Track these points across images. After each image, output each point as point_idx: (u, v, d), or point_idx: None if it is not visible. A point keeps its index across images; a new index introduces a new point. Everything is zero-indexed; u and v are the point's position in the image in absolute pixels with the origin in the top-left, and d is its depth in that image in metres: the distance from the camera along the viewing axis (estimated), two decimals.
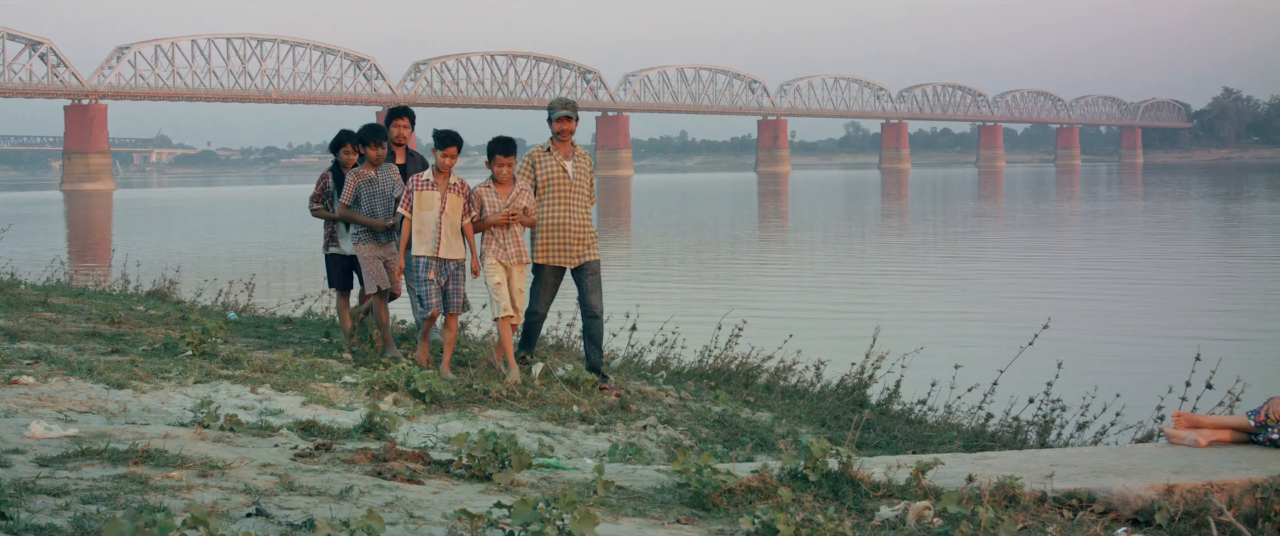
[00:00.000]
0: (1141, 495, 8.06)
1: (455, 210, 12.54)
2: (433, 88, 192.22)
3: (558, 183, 12.97)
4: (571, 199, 13.02)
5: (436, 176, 12.61)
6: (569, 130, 13.10)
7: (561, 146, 13.07)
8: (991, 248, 52.42)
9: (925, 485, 7.76)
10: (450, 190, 12.57)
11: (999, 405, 13.43)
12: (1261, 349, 21.83)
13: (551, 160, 13.01)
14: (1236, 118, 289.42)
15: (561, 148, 13.07)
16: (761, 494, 7.25)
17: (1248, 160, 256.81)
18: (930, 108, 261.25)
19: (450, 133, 12.60)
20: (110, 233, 72.42)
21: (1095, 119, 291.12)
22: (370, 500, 6.56)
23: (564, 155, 13.07)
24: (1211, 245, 51.56)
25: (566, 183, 13.00)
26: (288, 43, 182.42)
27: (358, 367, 12.70)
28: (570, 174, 13.03)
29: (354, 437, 8.68)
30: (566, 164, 13.03)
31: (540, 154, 13.09)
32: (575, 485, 7.39)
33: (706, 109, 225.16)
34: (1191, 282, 36.71)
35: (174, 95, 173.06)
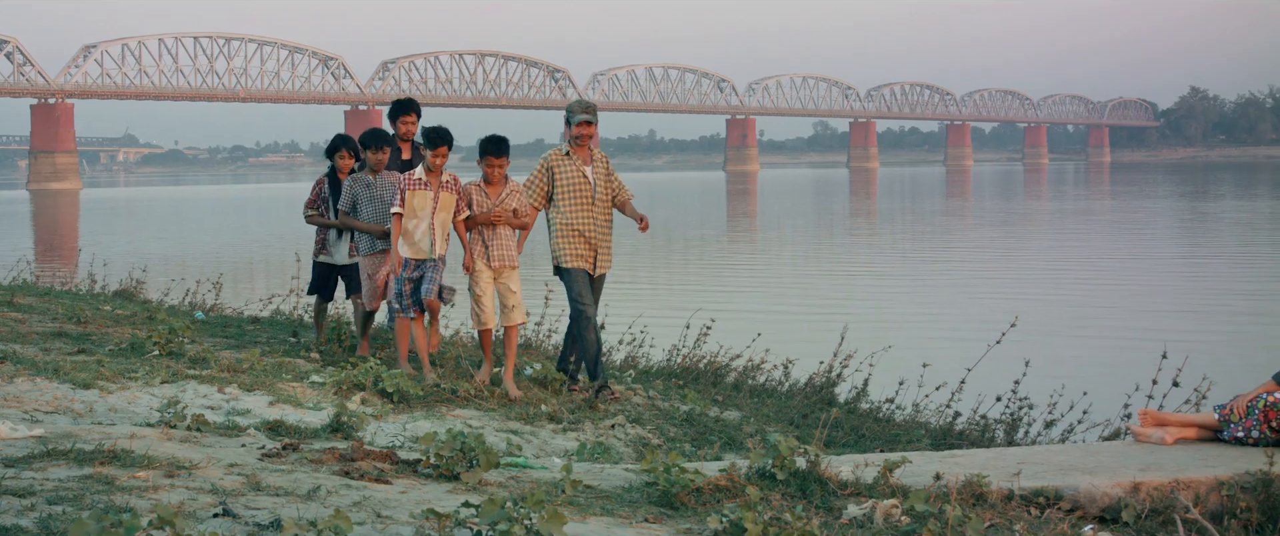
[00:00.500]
0: (1108, 493, 8.09)
1: (447, 209, 12.28)
2: (401, 87, 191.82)
3: (579, 189, 12.62)
4: (592, 206, 12.65)
5: (428, 176, 12.30)
6: (589, 134, 12.70)
7: (581, 151, 12.72)
8: (959, 247, 52.53)
9: (893, 483, 7.77)
10: (444, 189, 12.27)
11: (966, 403, 13.46)
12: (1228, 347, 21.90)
13: (571, 165, 12.65)
14: (1203, 117, 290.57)
15: (581, 152, 12.72)
16: (729, 492, 7.25)
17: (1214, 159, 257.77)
18: (898, 107, 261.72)
19: (440, 131, 12.35)
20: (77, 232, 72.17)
21: (1063, 118, 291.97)
22: (337, 500, 6.55)
23: (584, 160, 12.72)
24: (1178, 244, 51.76)
25: (587, 189, 12.64)
26: (255, 42, 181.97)
27: (325, 367, 12.68)
28: (591, 180, 12.68)
29: (321, 437, 8.67)
30: (586, 169, 12.68)
31: (558, 157, 12.72)
32: (543, 484, 7.39)
33: (675, 108, 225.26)
34: (1158, 281, 36.84)
35: (141, 94, 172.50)
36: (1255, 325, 26.43)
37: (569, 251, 12.59)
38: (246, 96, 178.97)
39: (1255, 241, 51.92)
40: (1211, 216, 70.47)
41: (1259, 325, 26.46)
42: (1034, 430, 13.00)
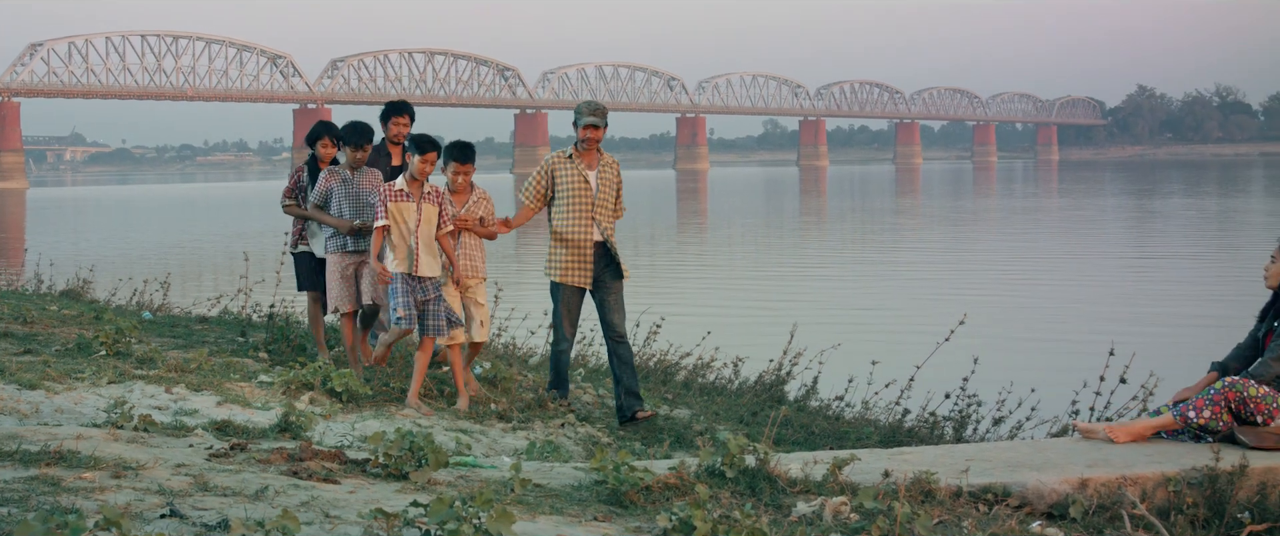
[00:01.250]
0: (1056, 489, 8.13)
1: (431, 222, 11.58)
2: (350, 85, 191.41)
3: (578, 194, 12.04)
4: (593, 213, 12.05)
5: (410, 185, 11.59)
6: (595, 139, 12.11)
7: (586, 155, 12.13)
8: (908, 245, 52.71)
9: (842, 481, 7.79)
10: (425, 200, 11.58)
11: (916, 401, 13.51)
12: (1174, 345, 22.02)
13: (572, 169, 12.08)
14: (1150, 115, 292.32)
15: (586, 156, 12.13)
16: (679, 491, 7.25)
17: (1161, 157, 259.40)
18: (848, 105, 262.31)
19: (429, 137, 11.71)
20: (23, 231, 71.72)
21: (1011, 116, 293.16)
22: (285, 500, 6.52)
23: (588, 164, 12.12)
24: (1126, 242, 52.06)
25: (588, 195, 12.05)
26: (203, 40, 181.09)
27: (274, 366, 12.63)
28: (593, 185, 12.09)
29: (269, 437, 8.63)
30: (588, 174, 12.08)
31: (560, 161, 12.15)
32: (492, 483, 7.38)
33: (625, 106, 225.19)
34: (1106, 279, 37.04)
35: (88, 93, 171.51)
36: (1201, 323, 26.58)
37: (558, 263, 12.10)
38: (194, 95, 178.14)
39: (1202, 240, 52.25)
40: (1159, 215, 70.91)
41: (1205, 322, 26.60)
42: (983, 427, 13.05)
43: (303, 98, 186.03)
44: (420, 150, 11.50)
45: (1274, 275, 9.55)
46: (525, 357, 15.15)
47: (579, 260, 12.06)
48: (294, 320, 15.24)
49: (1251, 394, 9.29)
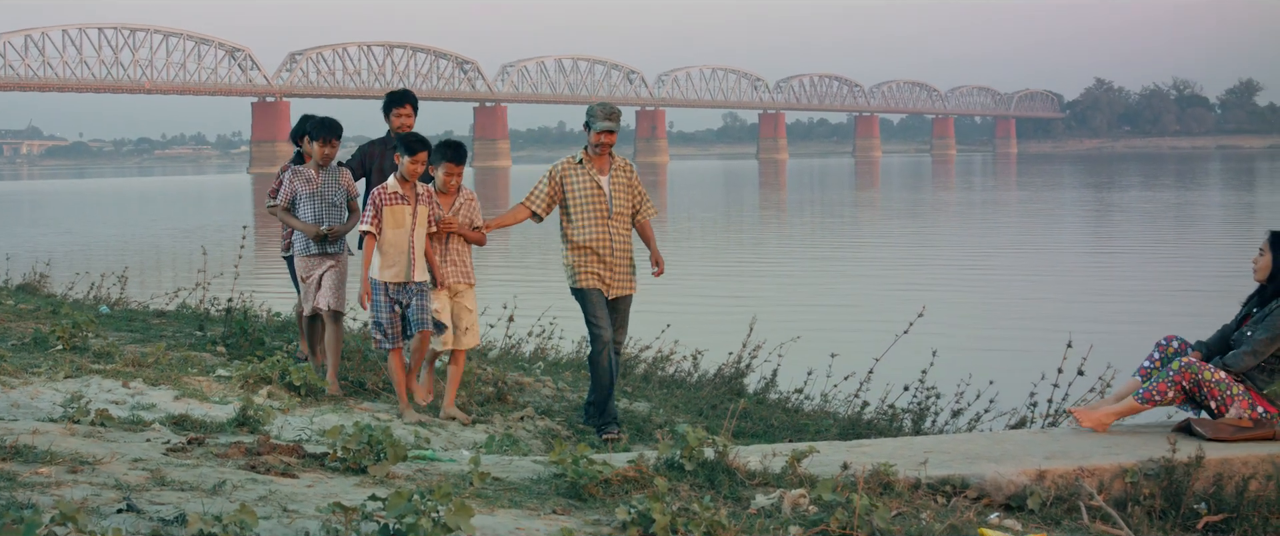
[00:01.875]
0: (1014, 480, 8.16)
1: (424, 226, 11.14)
2: (308, 78, 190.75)
3: (592, 201, 11.49)
4: (609, 221, 11.50)
5: (403, 187, 11.07)
6: (609, 143, 11.55)
7: (599, 160, 11.58)
8: (868, 237, 52.82)
9: (801, 473, 7.80)
10: (419, 202, 11.10)
11: (875, 393, 13.53)
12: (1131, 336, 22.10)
13: (584, 175, 11.54)
14: (1108, 108, 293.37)
15: (598, 161, 11.58)
16: (638, 484, 7.26)
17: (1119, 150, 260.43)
18: (807, 98, 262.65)
19: (419, 136, 11.27)
20: None
21: (970, 109, 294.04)
22: (243, 494, 6.50)
23: (599, 169, 11.56)
24: (1084, 235, 52.27)
25: (602, 202, 11.50)
26: (161, 33, 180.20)
27: (232, 361, 12.58)
28: (606, 191, 11.54)
29: (227, 431, 8.60)
30: (601, 179, 11.53)
31: (570, 167, 11.59)
32: (451, 477, 7.37)
33: (585, 99, 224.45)
34: (1064, 272, 37.17)
35: (44, 86, 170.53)
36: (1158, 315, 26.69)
37: (583, 270, 11.47)
38: (152, 88, 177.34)
39: (1159, 231, 52.47)
40: (1117, 207, 71.20)
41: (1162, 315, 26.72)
42: (941, 419, 13.08)
43: (261, 91, 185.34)
44: (410, 150, 11.04)
45: (1262, 268, 9.63)
46: (484, 351, 15.12)
47: (600, 266, 11.48)
48: (252, 314, 15.17)
49: (1206, 378, 9.37)
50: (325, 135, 12.03)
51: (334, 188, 12.10)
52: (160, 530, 5.72)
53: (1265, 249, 9.66)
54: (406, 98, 12.90)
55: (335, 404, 11.08)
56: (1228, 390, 9.34)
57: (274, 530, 5.90)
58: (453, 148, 11.29)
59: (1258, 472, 8.55)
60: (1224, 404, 9.33)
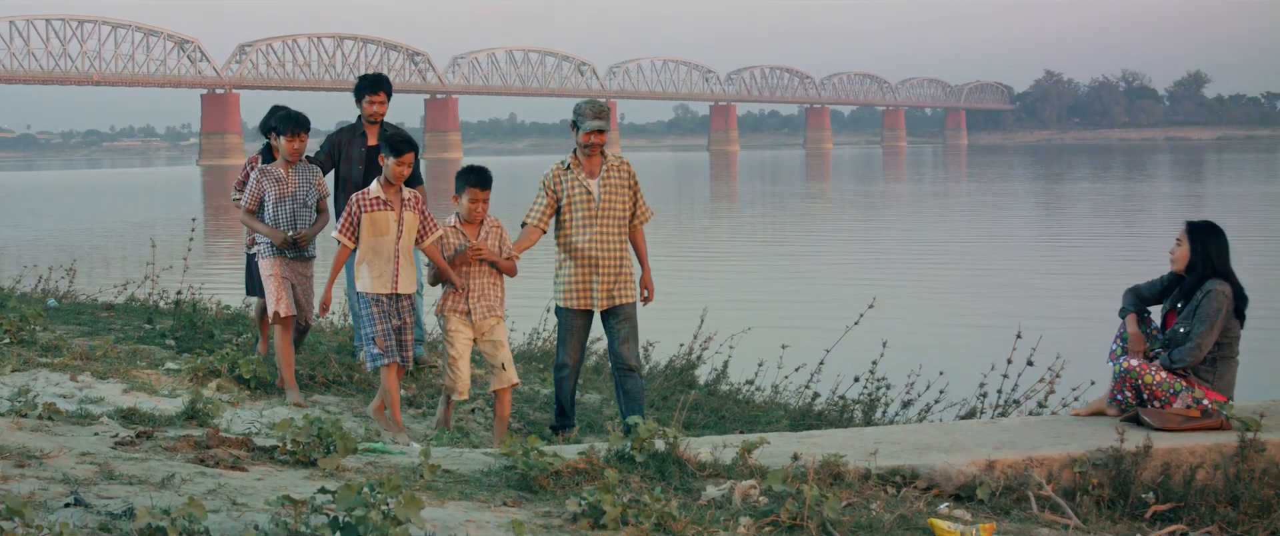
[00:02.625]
0: (963, 471, 8.20)
1: (411, 233, 10.45)
2: (258, 70, 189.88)
3: (581, 206, 10.78)
4: (599, 226, 10.78)
5: (387, 191, 10.41)
6: (599, 143, 10.82)
7: (589, 162, 10.85)
8: (818, 229, 52.92)
9: (751, 464, 7.82)
10: (406, 207, 10.45)
11: (825, 384, 13.56)
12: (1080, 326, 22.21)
13: (572, 180, 10.83)
14: (1057, 100, 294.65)
15: (589, 163, 10.85)
16: (588, 475, 7.26)
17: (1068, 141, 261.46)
18: (758, 90, 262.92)
19: (406, 136, 10.67)
20: None
21: (921, 101, 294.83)
22: (192, 488, 6.48)
23: (588, 173, 10.84)
24: (1033, 226, 52.48)
25: (591, 206, 10.77)
26: (109, 24, 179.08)
27: (181, 354, 12.53)
28: (595, 195, 10.79)
29: (176, 424, 8.56)
30: (590, 183, 10.81)
31: (560, 174, 10.86)
32: (401, 469, 7.35)
33: (535, 91, 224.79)
34: (1013, 263, 37.32)
35: None
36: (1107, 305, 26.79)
37: (570, 287, 10.82)
38: (101, 80, 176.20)
39: (1107, 222, 52.73)
40: (1066, 198, 71.53)
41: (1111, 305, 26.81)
42: (892, 410, 13.12)
43: (210, 83, 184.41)
44: (396, 152, 10.37)
45: (1181, 257, 9.70)
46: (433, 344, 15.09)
47: (584, 281, 10.80)
48: (201, 307, 15.10)
49: (1147, 381, 9.47)
50: (293, 129, 11.28)
51: (306, 187, 11.42)
52: (108, 524, 5.69)
53: (1183, 239, 9.74)
54: (380, 84, 12.38)
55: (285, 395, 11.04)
56: (1170, 388, 9.41)
57: (223, 523, 5.87)
58: (476, 173, 10.47)
59: (1205, 462, 8.61)
60: (1167, 403, 9.41)
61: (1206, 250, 9.63)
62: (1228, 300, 9.48)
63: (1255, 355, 14.00)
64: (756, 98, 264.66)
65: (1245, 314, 9.65)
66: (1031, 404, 12.63)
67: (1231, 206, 58.75)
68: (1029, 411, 12.38)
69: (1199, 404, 9.32)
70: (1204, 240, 9.67)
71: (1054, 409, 12.10)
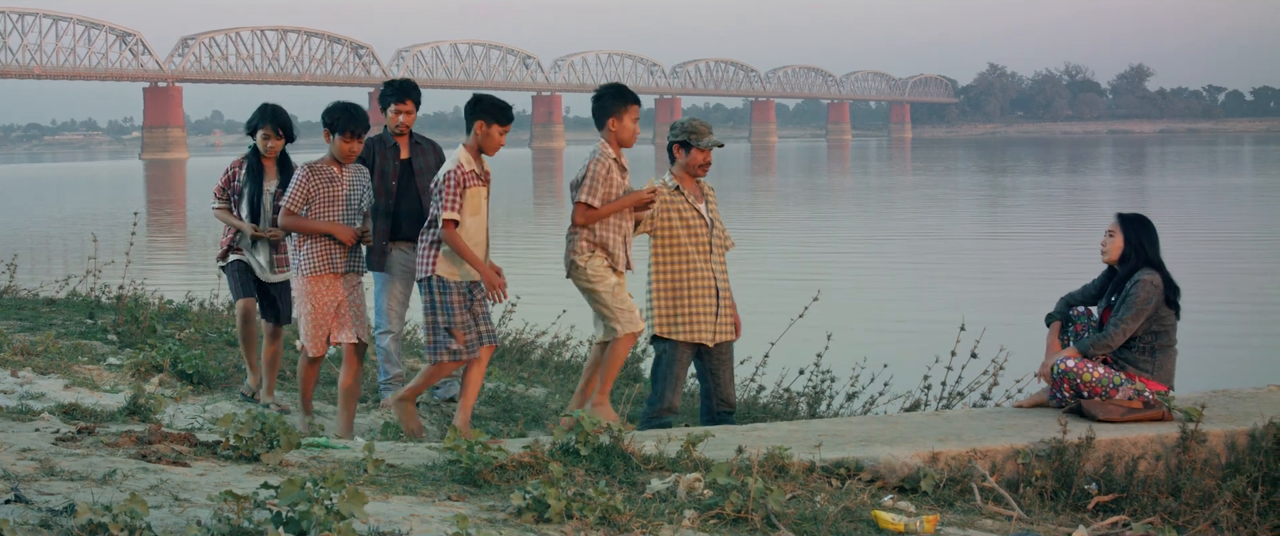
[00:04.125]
0: (908, 463, 8.22)
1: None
2: (201, 63, 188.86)
3: (699, 231, 10.32)
4: (717, 253, 10.48)
5: (479, 162, 9.68)
6: (708, 164, 10.49)
7: (694, 183, 10.47)
8: (763, 222, 52.98)
9: (696, 457, 7.82)
10: (485, 183, 9.76)
11: (770, 377, 13.56)
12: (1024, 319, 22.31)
13: (685, 202, 10.32)
14: (1001, 93, 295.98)
15: (694, 184, 10.47)
16: (533, 469, 7.25)
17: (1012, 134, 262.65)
18: (703, 83, 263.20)
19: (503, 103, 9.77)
20: None
21: (865, 94, 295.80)
22: (134, 483, 6.44)
23: (697, 196, 10.40)
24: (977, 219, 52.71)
25: (707, 232, 10.36)
26: (50, 17, 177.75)
27: (123, 349, 12.46)
28: (706, 219, 10.37)
29: (118, 420, 8.50)
30: (700, 206, 10.36)
31: (670, 193, 10.35)
32: (345, 464, 7.33)
33: (480, 85, 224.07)
34: (957, 255, 37.48)
35: None
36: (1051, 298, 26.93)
37: (678, 315, 10.29)
38: (41, 73, 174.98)
39: (1051, 216, 53.01)
40: (1010, 191, 71.87)
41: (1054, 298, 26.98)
42: (836, 402, 13.15)
43: (153, 76, 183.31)
44: (505, 118, 9.68)
45: (1114, 249, 9.77)
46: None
47: (707, 311, 10.31)
48: (143, 301, 15.01)
49: (1086, 380, 9.53)
50: (355, 129, 10.05)
51: (360, 190, 10.19)
52: (49, 521, 5.65)
53: (1115, 230, 9.83)
54: (408, 91, 11.19)
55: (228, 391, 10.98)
56: (1110, 383, 9.47)
57: (165, 519, 5.84)
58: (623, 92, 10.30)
59: (1147, 453, 8.67)
60: (1108, 397, 9.47)
61: (1139, 240, 9.73)
62: (1158, 291, 9.55)
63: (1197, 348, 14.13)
64: (701, 91, 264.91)
65: (1179, 304, 9.73)
66: (975, 396, 12.69)
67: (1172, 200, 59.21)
68: (973, 403, 12.43)
69: (1141, 395, 9.38)
70: (1136, 231, 9.77)
71: (998, 401, 12.15)
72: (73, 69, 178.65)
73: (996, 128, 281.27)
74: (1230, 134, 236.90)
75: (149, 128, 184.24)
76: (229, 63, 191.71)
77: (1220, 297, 25.82)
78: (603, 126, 10.22)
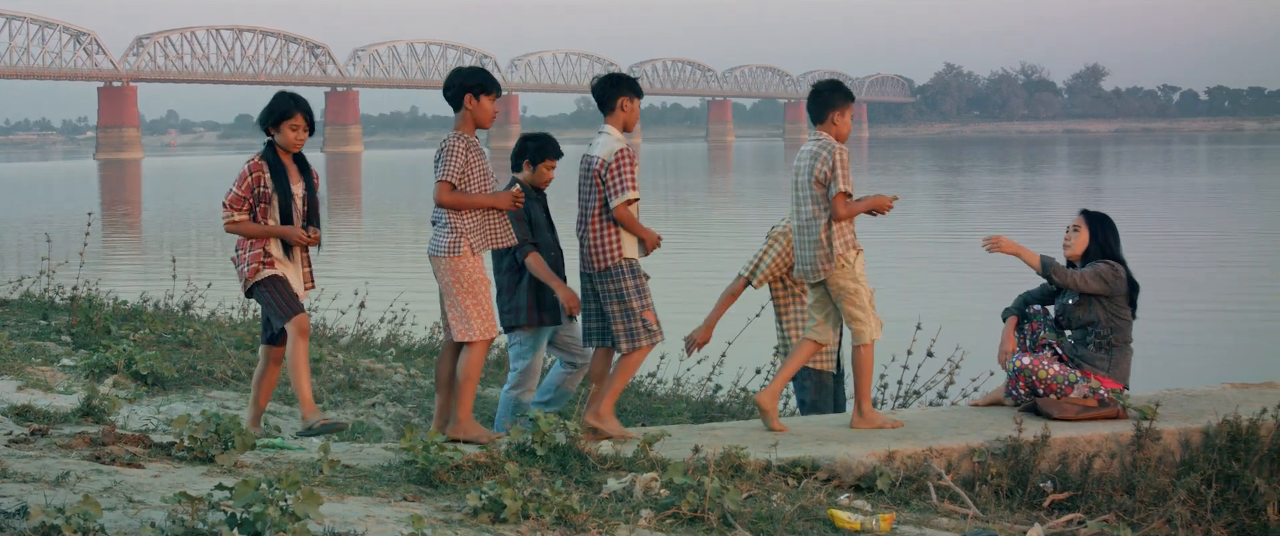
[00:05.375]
0: (863, 462, 8.24)
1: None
2: (156, 63, 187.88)
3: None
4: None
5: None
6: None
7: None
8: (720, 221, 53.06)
9: (652, 457, 7.83)
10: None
11: (727, 377, 13.58)
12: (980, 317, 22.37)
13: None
14: (958, 92, 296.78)
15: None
16: (489, 469, 7.24)
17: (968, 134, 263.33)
18: (660, 83, 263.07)
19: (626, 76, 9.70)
20: None
21: None
22: (87, 485, 6.40)
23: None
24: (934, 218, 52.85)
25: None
26: (3, 16, 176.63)
27: (77, 350, 12.39)
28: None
29: (72, 422, 8.47)
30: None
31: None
32: (300, 465, 7.31)
33: (437, 84, 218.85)
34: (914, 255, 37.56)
35: None
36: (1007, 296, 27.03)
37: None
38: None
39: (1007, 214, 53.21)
40: (967, 190, 72.09)
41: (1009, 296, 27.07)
42: (793, 402, 13.15)
43: (107, 75, 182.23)
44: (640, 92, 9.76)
45: (1079, 243, 9.82)
46: (335, 338, 15.01)
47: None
48: (98, 302, 14.92)
49: (1042, 376, 9.57)
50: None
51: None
52: (2, 523, 5.62)
53: (1080, 225, 9.88)
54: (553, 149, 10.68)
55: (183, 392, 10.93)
56: (1065, 380, 9.52)
57: (119, 521, 5.81)
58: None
59: (1102, 451, 8.71)
60: (1064, 393, 9.51)
61: (1104, 237, 9.79)
62: (1122, 281, 9.62)
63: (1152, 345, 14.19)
64: (659, 90, 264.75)
65: (1137, 303, 9.78)
66: (931, 395, 12.73)
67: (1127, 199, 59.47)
68: (929, 402, 12.47)
69: (1095, 393, 9.42)
70: (1101, 227, 9.83)
71: (954, 400, 12.20)
72: (26, 68, 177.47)
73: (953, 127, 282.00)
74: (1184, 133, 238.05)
75: (103, 128, 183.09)
76: (184, 62, 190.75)
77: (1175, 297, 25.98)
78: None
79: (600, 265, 9.31)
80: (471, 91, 9.27)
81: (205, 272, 12.62)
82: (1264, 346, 22.56)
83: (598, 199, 9.37)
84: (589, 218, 9.41)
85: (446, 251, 9.07)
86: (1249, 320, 25.77)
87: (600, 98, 9.61)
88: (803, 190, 9.84)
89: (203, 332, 13.29)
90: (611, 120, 9.57)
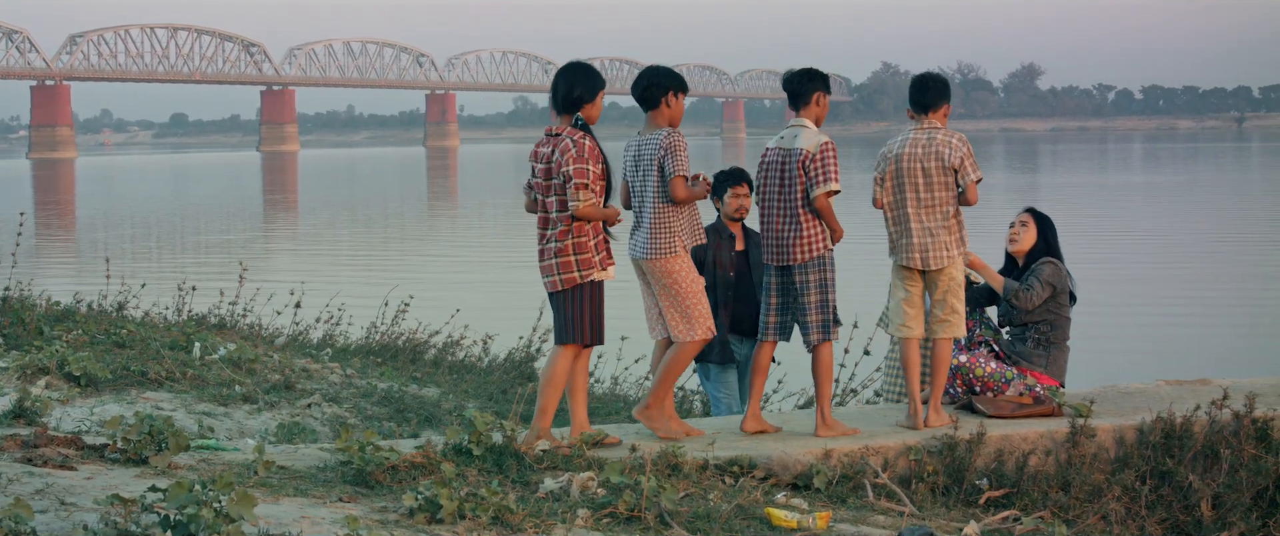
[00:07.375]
0: (800, 460, 8.26)
1: None
2: (90, 61, 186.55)
3: None
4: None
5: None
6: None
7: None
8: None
9: (589, 456, 7.82)
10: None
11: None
12: None
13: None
14: (895, 91, 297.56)
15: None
16: (425, 469, 7.22)
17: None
18: None
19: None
20: None
21: (760, 93, 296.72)
22: (19, 488, 6.35)
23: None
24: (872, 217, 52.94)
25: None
26: None
27: (8, 351, 12.28)
28: None
29: (3, 424, 8.39)
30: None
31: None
32: (235, 466, 7.27)
33: (373, 83, 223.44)
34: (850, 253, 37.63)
35: None
36: None
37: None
38: None
39: None
40: None
41: None
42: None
43: (40, 74, 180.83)
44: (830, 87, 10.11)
45: (1026, 239, 9.89)
46: (271, 339, 14.93)
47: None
48: (30, 303, 14.79)
49: (979, 374, 9.63)
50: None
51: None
52: None
53: (1028, 221, 9.96)
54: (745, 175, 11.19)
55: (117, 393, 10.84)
56: (1002, 377, 9.58)
57: (51, 524, 5.76)
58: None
59: (1037, 448, 8.75)
60: (1000, 391, 9.57)
61: (1051, 236, 9.89)
62: (1064, 278, 9.71)
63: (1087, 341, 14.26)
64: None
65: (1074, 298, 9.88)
66: (868, 393, 12.76)
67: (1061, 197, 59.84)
68: (866, 400, 12.50)
69: (1032, 391, 9.48)
70: (1047, 226, 9.94)
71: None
72: None
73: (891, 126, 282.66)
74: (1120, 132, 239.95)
75: (36, 127, 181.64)
76: (118, 61, 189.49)
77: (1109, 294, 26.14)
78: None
79: (804, 256, 9.45)
80: (674, 90, 9.67)
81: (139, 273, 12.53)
82: (1198, 343, 22.76)
83: (800, 190, 9.46)
84: (794, 210, 9.47)
85: (666, 252, 9.17)
86: (1183, 317, 25.98)
87: (795, 91, 9.87)
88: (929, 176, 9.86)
89: (137, 333, 13.17)
90: (805, 113, 9.83)
